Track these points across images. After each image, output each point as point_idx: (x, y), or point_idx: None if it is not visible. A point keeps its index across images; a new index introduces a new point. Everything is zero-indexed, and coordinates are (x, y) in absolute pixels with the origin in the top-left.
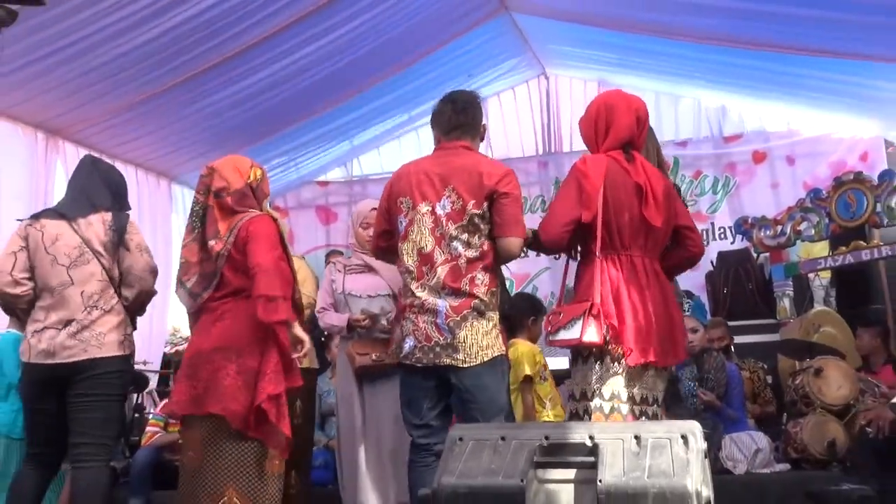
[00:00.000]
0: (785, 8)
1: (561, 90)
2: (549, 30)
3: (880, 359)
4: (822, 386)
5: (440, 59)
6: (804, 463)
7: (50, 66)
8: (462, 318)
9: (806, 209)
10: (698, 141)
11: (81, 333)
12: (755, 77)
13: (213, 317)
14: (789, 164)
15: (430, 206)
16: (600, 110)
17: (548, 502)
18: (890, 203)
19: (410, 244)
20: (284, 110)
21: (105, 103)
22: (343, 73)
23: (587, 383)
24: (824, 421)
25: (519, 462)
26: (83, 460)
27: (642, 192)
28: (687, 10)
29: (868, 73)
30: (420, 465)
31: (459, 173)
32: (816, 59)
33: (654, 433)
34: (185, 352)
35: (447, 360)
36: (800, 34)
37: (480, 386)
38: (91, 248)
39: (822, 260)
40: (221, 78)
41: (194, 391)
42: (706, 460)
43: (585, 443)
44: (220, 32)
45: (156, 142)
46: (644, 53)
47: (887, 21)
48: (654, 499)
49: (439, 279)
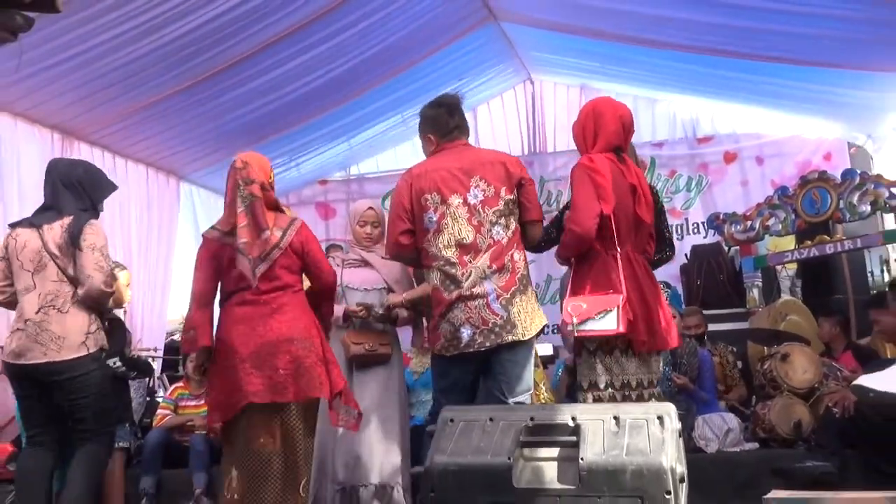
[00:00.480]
0: (753, 23)
1: (545, 94)
2: (534, 38)
3: (840, 345)
4: (789, 370)
5: (432, 64)
6: (772, 442)
7: (65, 70)
8: (511, 295)
9: (774, 206)
10: (673, 142)
11: (40, 335)
12: (726, 83)
13: (267, 309)
14: (758, 163)
15: (462, 198)
16: (589, 116)
17: (533, 479)
18: (852, 200)
19: (447, 237)
20: (286, 112)
21: (117, 106)
22: (341, 78)
23: (596, 375)
24: (790, 403)
25: (506, 441)
26: (84, 441)
27: (636, 192)
28: (662, 22)
29: (831, 80)
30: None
31: (482, 165)
32: (783, 67)
33: (632, 414)
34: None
35: (510, 337)
36: (767, 45)
37: (524, 360)
38: (48, 251)
39: (788, 253)
40: (226, 82)
41: (272, 380)
42: (680, 439)
43: (568, 423)
44: (225, 40)
45: (164, 142)
46: (623, 61)
47: (847, 33)
48: (632, 475)
49: (485, 264)
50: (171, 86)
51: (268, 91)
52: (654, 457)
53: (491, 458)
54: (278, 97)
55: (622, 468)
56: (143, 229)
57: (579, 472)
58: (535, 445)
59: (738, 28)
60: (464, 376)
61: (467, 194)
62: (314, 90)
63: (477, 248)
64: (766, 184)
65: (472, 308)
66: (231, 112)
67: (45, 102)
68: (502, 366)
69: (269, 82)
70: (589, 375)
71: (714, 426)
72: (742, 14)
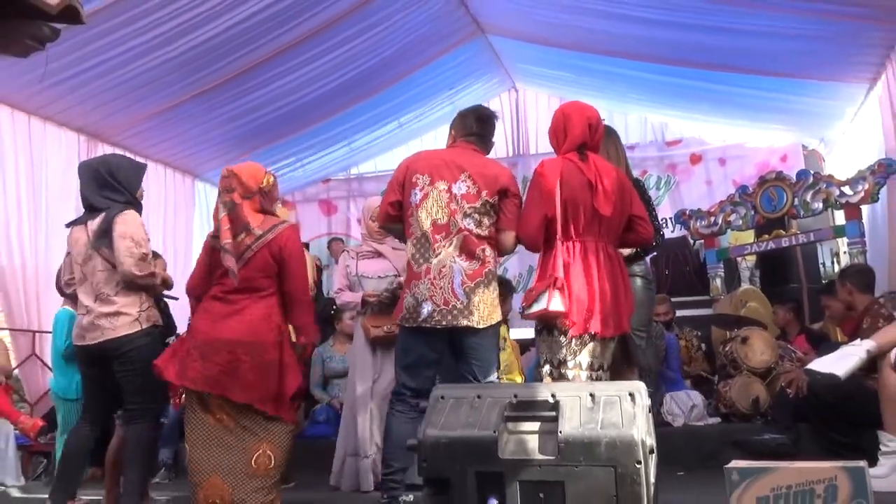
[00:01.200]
0: (717, 38)
1: (528, 102)
2: (518, 51)
3: (795, 329)
4: (748, 352)
5: (426, 74)
6: (732, 417)
7: (90, 77)
8: (476, 285)
9: (735, 203)
10: (644, 145)
11: (98, 319)
12: (692, 93)
13: (230, 309)
14: (721, 164)
15: (447, 185)
16: (559, 119)
17: (517, 450)
18: (806, 198)
19: (425, 213)
20: (292, 117)
21: (138, 110)
22: (343, 86)
23: (540, 353)
24: (749, 381)
25: (492, 416)
26: (130, 420)
27: (593, 187)
28: (636, 38)
29: (787, 90)
30: (404, 418)
31: (475, 165)
32: (744, 77)
33: (606, 391)
34: (194, 332)
35: (464, 321)
36: (730, 58)
37: (485, 346)
38: (91, 245)
39: (748, 246)
40: (238, 89)
41: (209, 372)
42: (650, 414)
43: (548, 400)
44: (238, 49)
45: (181, 143)
46: (598, 73)
47: (800, 47)
48: (606, 446)
49: (456, 246)
50: (187, 92)
51: (276, 98)
52: (626, 430)
53: (478, 432)
54: (286, 104)
55: (597, 440)
56: (161, 225)
57: (558, 443)
58: (519, 420)
59: (703, 43)
60: (426, 353)
61: (453, 184)
62: (318, 97)
63: (448, 230)
64: (728, 183)
65: (436, 287)
66: (243, 117)
67: (72, 107)
68: (473, 349)
69: (277, 90)
70: (539, 354)
71: (680, 402)
72: (707, 31)
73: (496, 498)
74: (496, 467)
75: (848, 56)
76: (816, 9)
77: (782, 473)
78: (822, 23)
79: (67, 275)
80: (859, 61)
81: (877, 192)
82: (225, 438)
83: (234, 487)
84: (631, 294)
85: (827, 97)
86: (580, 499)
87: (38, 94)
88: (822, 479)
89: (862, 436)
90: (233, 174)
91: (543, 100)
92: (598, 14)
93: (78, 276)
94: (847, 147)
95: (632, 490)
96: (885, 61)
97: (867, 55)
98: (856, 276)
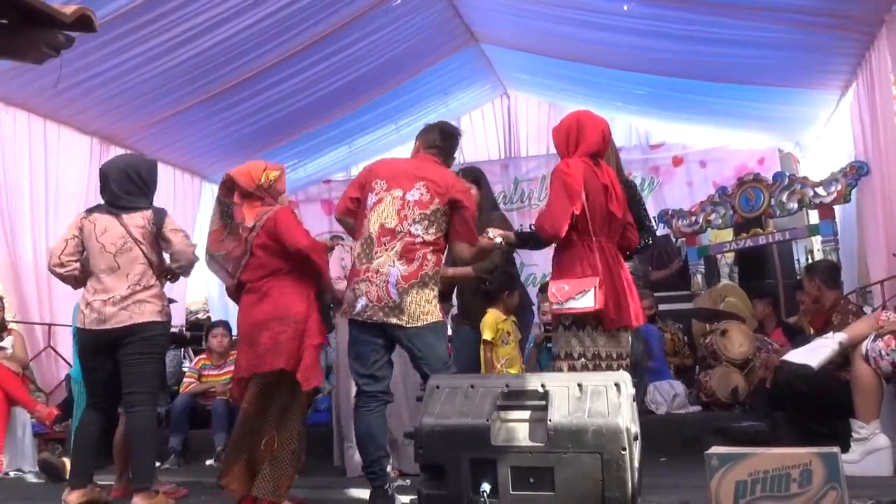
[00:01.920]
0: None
1: (519, 107)
2: (510, 59)
3: (772, 323)
4: (727, 344)
5: (422, 80)
6: (712, 405)
7: (103, 82)
8: (409, 286)
9: (715, 203)
10: (629, 148)
11: (129, 306)
12: (675, 100)
13: (259, 295)
14: (702, 167)
15: (402, 193)
16: (573, 125)
17: (508, 437)
18: (782, 199)
19: (375, 216)
20: (294, 120)
21: (148, 114)
22: (343, 91)
23: (570, 346)
24: (728, 372)
25: (485, 405)
26: (134, 406)
27: (608, 191)
28: (622, 48)
29: (764, 98)
30: (365, 410)
31: (432, 176)
32: (723, 86)
33: (593, 382)
34: (239, 327)
35: (394, 319)
36: (710, 68)
37: (426, 344)
38: (133, 238)
39: (727, 244)
40: (243, 93)
41: (254, 355)
42: (634, 403)
43: (538, 390)
44: (243, 56)
45: (189, 146)
46: (586, 81)
47: (776, 57)
48: (593, 434)
49: (397, 251)
50: (195, 96)
51: (279, 101)
52: (612, 418)
53: (472, 420)
54: (288, 107)
55: (584, 428)
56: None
57: (547, 431)
58: (510, 409)
59: (686, 54)
60: (368, 341)
61: (408, 192)
62: (319, 101)
63: (394, 234)
64: (708, 184)
65: (374, 284)
66: (247, 119)
67: (85, 111)
68: (415, 347)
69: (280, 94)
70: (565, 347)
71: (663, 392)
72: (690, 42)
73: (489, 483)
74: (489, 454)
75: (821, 65)
76: (792, 19)
77: (760, 459)
78: (798, 32)
79: (67, 256)
80: (832, 70)
81: (849, 192)
82: (243, 426)
83: (252, 472)
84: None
85: (802, 104)
86: (569, 484)
87: (53, 99)
88: (797, 464)
89: (835, 424)
90: (229, 177)
91: (534, 105)
92: (586, 25)
93: (106, 265)
94: (821, 150)
95: (617, 475)
96: (856, 69)
97: (840, 64)
98: (824, 272)
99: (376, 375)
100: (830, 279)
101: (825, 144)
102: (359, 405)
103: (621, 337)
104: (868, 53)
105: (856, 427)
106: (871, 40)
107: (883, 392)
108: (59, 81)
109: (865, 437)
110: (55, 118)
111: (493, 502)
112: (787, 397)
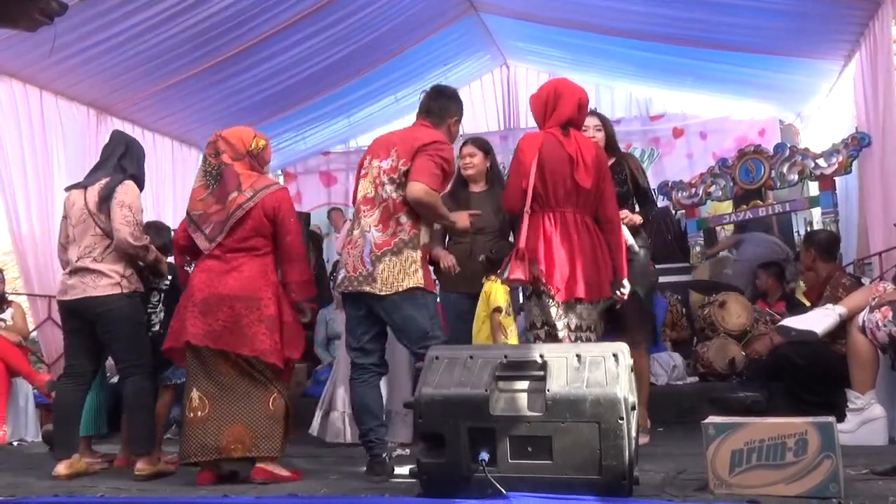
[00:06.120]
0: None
1: (519, 78)
2: (510, 28)
3: (776, 294)
4: (725, 315)
5: (421, 51)
6: (710, 376)
7: (99, 52)
8: (382, 254)
9: (715, 175)
10: (629, 119)
11: (83, 277)
12: (675, 69)
13: (228, 266)
14: (702, 138)
15: (379, 163)
16: (549, 94)
17: (507, 407)
18: (782, 170)
19: (361, 189)
20: (293, 92)
21: (145, 85)
22: (342, 62)
23: (534, 316)
24: (726, 343)
25: (484, 376)
26: (126, 375)
27: (573, 161)
28: (622, 13)
29: (766, 66)
30: (358, 382)
31: (404, 140)
32: (724, 54)
33: (592, 352)
34: (192, 290)
35: (367, 287)
36: (711, 34)
37: (403, 316)
38: (88, 210)
39: (727, 216)
40: (241, 64)
41: (210, 328)
42: (632, 374)
43: (537, 360)
44: (241, 26)
45: (187, 117)
46: (586, 49)
47: (779, 24)
48: (591, 404)
49: (375, 217)
50: (192, 67)
51: (277, 73)
52: (609, 388)
53: (471, 390)
54: (287, 78)
55: (582, 398)
56: (170, 195)
57: (546, 401)
58: (509, 379)
59: (688, 20)
60: (353, 319)
61: (383, 161)
62: (318, 72)
63: (373, 203)
64: (708, 156)
65: (350, 255)
66: (246, 91)
67: (82, 82)
68: (391, 318)
69: (279, 65)
70: (529, 317)
71: (662, 363)
72: (690, 7)
73: (487, 452)
74: (488, 423)
75: (824, 34)
76: None
77: (756, 428)
78: (802, 0)
79: (63, 237)
80: (835, 39)
81: (850, 164)
82: (239, 388)
83: (253, 432)
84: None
85: (804, 73)
86: (566, 452)
87: (49, 69)
88: (792, 434)
89: (830, 394)
90: (220, 137)
91: (533, 75)
92: None
93: (70, 238)
94: (822, 121)
95: (615, 444)
96: (859, 39)
97: (843, 33)
98: (821, 243)
99: (365, 348)
100: (827, 252)
101: (826, 115)
102: (352, 377)
103: (579, 309)
104: (872, 22)
105: (851, 397)
106: (876, 8)
107: (879, 363)
108: (53, 50)
109: (861, 408)
110: (51, 88)
111: (492, 471)
112: (784, 369)
